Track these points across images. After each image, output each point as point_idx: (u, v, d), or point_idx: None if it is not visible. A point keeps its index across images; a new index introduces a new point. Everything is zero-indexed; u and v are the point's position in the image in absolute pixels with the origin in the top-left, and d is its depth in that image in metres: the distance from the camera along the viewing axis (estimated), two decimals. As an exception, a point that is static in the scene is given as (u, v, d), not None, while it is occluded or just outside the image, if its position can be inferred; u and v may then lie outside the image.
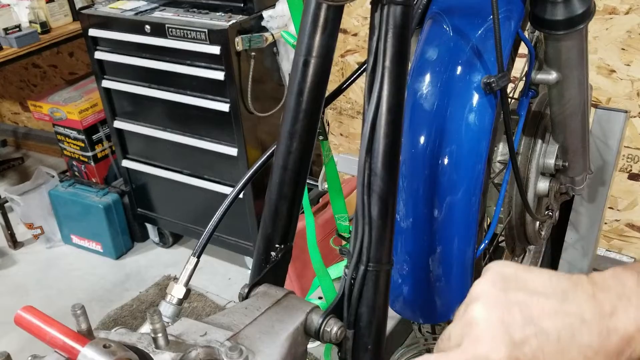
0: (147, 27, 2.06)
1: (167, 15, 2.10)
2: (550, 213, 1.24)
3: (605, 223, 2.03)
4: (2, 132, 3.61)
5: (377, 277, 0.66)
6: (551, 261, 1.54)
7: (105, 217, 2.64)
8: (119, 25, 2.14)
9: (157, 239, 2.76)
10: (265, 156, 0.76)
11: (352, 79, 0.90)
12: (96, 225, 2.67)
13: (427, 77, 0.91)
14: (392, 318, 1.49)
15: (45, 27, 2.48)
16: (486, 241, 0.94)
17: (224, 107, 2.09)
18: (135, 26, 2.10)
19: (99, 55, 2.26)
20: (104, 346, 0.55)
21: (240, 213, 2.26)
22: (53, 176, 2.90)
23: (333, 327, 0.64)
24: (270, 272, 0.72)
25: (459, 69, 0.90)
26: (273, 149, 0.74)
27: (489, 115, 0.89)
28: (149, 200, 2.60)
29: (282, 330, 0.62)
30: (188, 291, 0.69)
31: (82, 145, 2.82)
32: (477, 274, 0.98)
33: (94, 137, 2.81)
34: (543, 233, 1.27)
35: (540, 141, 1.18)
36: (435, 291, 0.93)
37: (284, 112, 0.71)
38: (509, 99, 1.14)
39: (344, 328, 0.65)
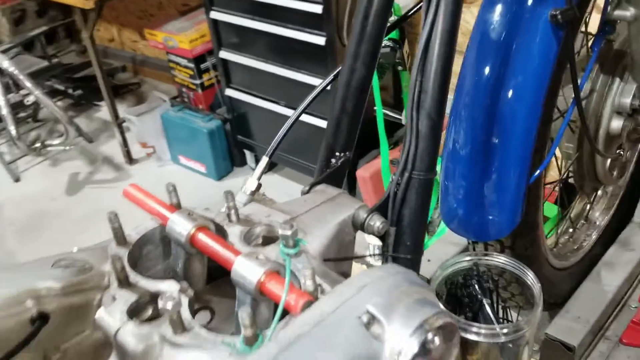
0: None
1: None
2: (621, 152, 1.25)
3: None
4: (122, 58, 3.91)
5: (419, 184, 0.75)
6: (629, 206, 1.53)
7: (209, 141, 2.86)
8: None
9: (253, 165, 2.95)
10: (333, 74, 0.85)
11: (416, 9, 0.96)
12: (201, 148, 2.90)
13: (498, 8, 0.95)
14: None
15: (161, -41, 2.65)
16: (540, 169, 0.99)
17: (321, 40, 2.17)
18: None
19: (208, -15, 2.40)
20: (188, 214, 0.68)
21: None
22: (165, 101, 3.15)
23: (376, 222, 0.74)
24: (329, 175, 0.82)
25: (530, 0, 0.93)
26: (339, 69, 0.83)
27: (554, 48, 0.93)
28: (248, 128, 2.78)
29: (332, 219, 0.73)
30: (259, 185, 0.81)
31: (191, 73, 3.01)
32: (529, 199, 1.04)
33: (202, 66, 2.99)
34: (615, 173, 1.29)
35: (618, 80, 1.19)
36: (488, 214, 1.00)
37: (350, 35, 0.80)
38: (589, 36, 1.15)
39: (386, 224, 0.75)
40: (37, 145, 3.02)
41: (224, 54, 2.63)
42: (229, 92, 2.73)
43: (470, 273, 1.00)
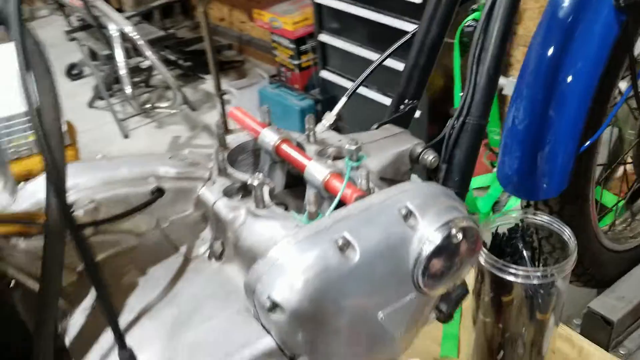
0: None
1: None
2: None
3: None
4: (229, 37, 4.19)
5: (472, 128, 0.88)
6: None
7: (300, 118, 3.06)
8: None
9: (340, 144, 3.12)
10: (411, 33, 1.00)
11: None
12: (292, 124, 3.10)
13: (568, -10, 1.05)
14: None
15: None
16: (591, 141, 1.10)
17: None
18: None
19: (316, -29, 2.59)
20: (277, 129, 0.86)
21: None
22: (264, 78, 3.39)
23: (430, 156, 0.88)
24: (397, 118, 0.97)
25: (599, -18, 1.03)
26: (416, 28, 0.98)
27: (614, 32, 1.03)
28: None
29: (392, 149, 0.88)
30: (336, 120, 0.97)
31: (291, 54, 3.22)
32: (580, 169, 1.14)
33: (302, 48, 3.19)
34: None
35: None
36: (539, 178, 1.11)
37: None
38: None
39: (438, 159, 0.89)
40: (148, 106, 3.33)
41: (323, 37, 2.81)
42: (324, 73, 2.91)
43: (515, 228, 1.11)
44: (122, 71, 3.13)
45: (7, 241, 0.70)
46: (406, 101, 0.98)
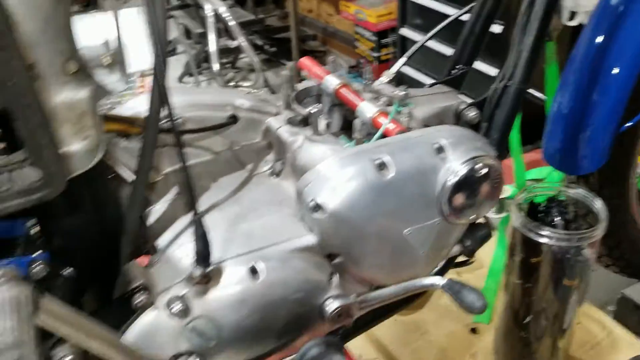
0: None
1: None
2: None
3: None
4: (315, 28, 4.36)
5: (513, 92, 0.99)
6: None
7: (374, 107, 3.18)
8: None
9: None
10: (469, 7, 1.11)
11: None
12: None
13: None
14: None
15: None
16: (633, 121, 1.17)
17: (498, 28, 2.35)
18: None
19: (404, -35, 2.71)
20: (339, 75, 0.99)
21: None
22: (342, 67, 3.52)
23: (472, 112, 0.99)
24: (448, 80, 1.09)
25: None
26: (474, 4, 1.09)
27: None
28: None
29: (438, 103, 1.00)
30: (394, 77, 1.10)
31: (372, 46, 3.36)
32: (621, 149, 1.21)
33: (383, 41, 3.32)
34: None
35: None
36: (581, 156, 1.19)
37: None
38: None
39: (479, 116, 1.00)
40: (231, 84, 3.54)
41: (405, 31, 2.92)
42: (403, 67, 3.02)
43: (552, 198, 1.20)
44: (212, 50, 3.35)
45: (111, 138, 0.86)
46: (459, 66, 1.09)
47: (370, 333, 1.47)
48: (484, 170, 0.83)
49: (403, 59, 1.12)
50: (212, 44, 3.36)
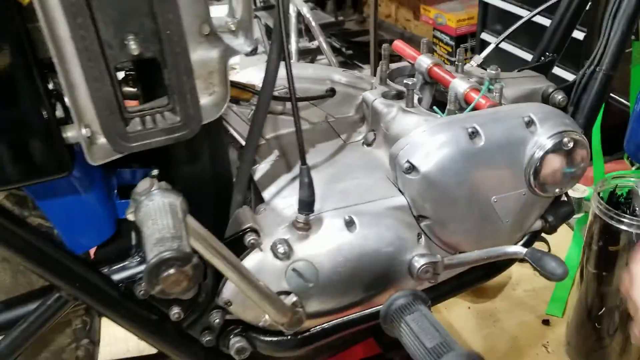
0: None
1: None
2: None
3: None
4: (393, 32, 4.42)
5: (600, 77, 1.02)
6: None
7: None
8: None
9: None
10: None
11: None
12: (440, 114, 3.26)
13: None
14: None
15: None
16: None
17: (580, 35, 2.34)
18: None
19: (486, -30, 2.74)
20: (431, 56, 1.05)
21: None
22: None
23: (559, 96, 1.03)
24: (537, 67, 1.13)
25: None
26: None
27: None
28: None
29: (527, 85, 1.05)
30: (482, 62, 1.15)
31: (450, 50, 3.38)
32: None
33: (461, 45, 3.34)
34: None
35: None
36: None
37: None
38: None
39: (566, 100, 1.03)
40: (310, 83, 3.64)
41: (485, 36, 2.94)
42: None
43: (634, 189, 1.22)
44: (293, 49, 3.47)
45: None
46: (547, 54, 1.13)
47: (443, 318, 1.51)
48: (571, 145, 0.87)
49: (492, 45, 1.17)
50: (293, 44, 3.48)
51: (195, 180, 0.86)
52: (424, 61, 1.05)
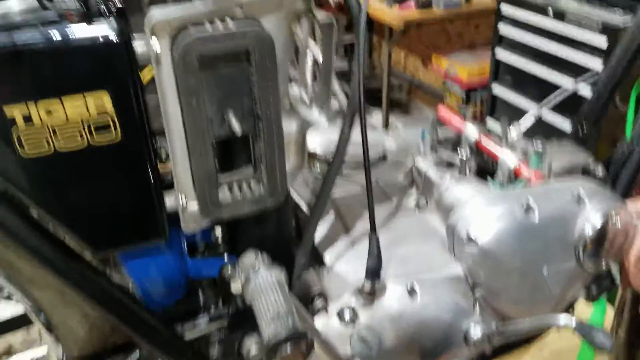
0: (551, 9, 2.53)
1: (571, 3, 2.52)
2: None
3: None
4: (401, 78, 4.52)
5: (638, 156, 1.08)
6: None
7: (459, 159, 3.28)
8: (527, 5, 2.66)
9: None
10: (590, 79, 1.21)
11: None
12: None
13: None
14: None
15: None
16: None
17: (589, 91, 2.43)
18: (541, 7, 2.59)
19: (501, 27, 2.83)
20: (478, 125, 1.11)
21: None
22: (429, 119, 3.65)
23: (600, 169, 1.08)
24: (575, 139, 1.18)
25: None
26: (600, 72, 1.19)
27: None
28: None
29: (569, 158, 1.10)
30: (521, 131, 1.20)
31: (460, 100, 3.47)
32: None
33: (471, 96, 3.43)
34: None
35: None
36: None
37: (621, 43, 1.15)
38: None
39: (606, 173, 1.08)
40: (321, 126, 3.71)
41: (496, 88, 3.02)
42: (490, 122, 3.12)
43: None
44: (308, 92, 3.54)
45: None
46: (584, 128, 1.19)
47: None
48: (617, 221, 0.92)
49: (532, 118, 1.23)
50: (309, 88, 3.55)
51: (259, 241, 0.90)
52: (473, 132, 1.10)
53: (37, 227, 0.68)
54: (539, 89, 2.75)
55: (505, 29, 2.83)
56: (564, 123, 2.46)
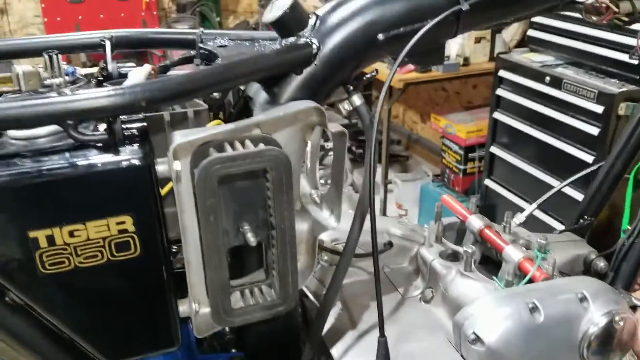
0: (548, 78, 2.60)
1: (567, 72, 2.59)
2: None
3: None
4: (399, 133, 4.58)
5: (639, 247, 1.10)
6: None
7: (457, 217, 3.30)
8: (525, 72, 2.73)
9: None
10: (597, 166, 1.25)
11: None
12: (448, 221, 3.35)
13: None
14: None
15: (466, 62, 3.24)
16: None
17: (589, 158, 2.46)
18: (537, 75, 2.65)
19: (500, 92, 2.89)
20: (481, 216, 1.13)
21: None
22: (428, 175, 3.69)
23: (601, 263, 1.11)
24: (576, 229, 1.21)
25: None
26: (601, 164, 1.22)
27: None
28: (494, 218, 3.16)
29: (571, 250, 1.12)
30: (526, 221, 1.23)
31: (459, 159, 3.52)
32: None
33: (470, 155, 3.48)
34: None
35: None
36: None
37: (617, 138, 1.19)
38: None
39: (607, 267, 1.11)
40: (321, 181, 3.74)
41: (494, 149, 3.07)
42: (488, 182, 3.15)
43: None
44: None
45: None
46: (585, 217, 1.22)
47: None
48: (621, 323, 0.93)
49: (533, 207, 1.25)
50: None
51: (267, 336, 0.91)
52: (476, 222, 1.12)
53: (53, 337, 0.69)
54: (538, 152, 2.79)
55: (503, 93, 2.89)
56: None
